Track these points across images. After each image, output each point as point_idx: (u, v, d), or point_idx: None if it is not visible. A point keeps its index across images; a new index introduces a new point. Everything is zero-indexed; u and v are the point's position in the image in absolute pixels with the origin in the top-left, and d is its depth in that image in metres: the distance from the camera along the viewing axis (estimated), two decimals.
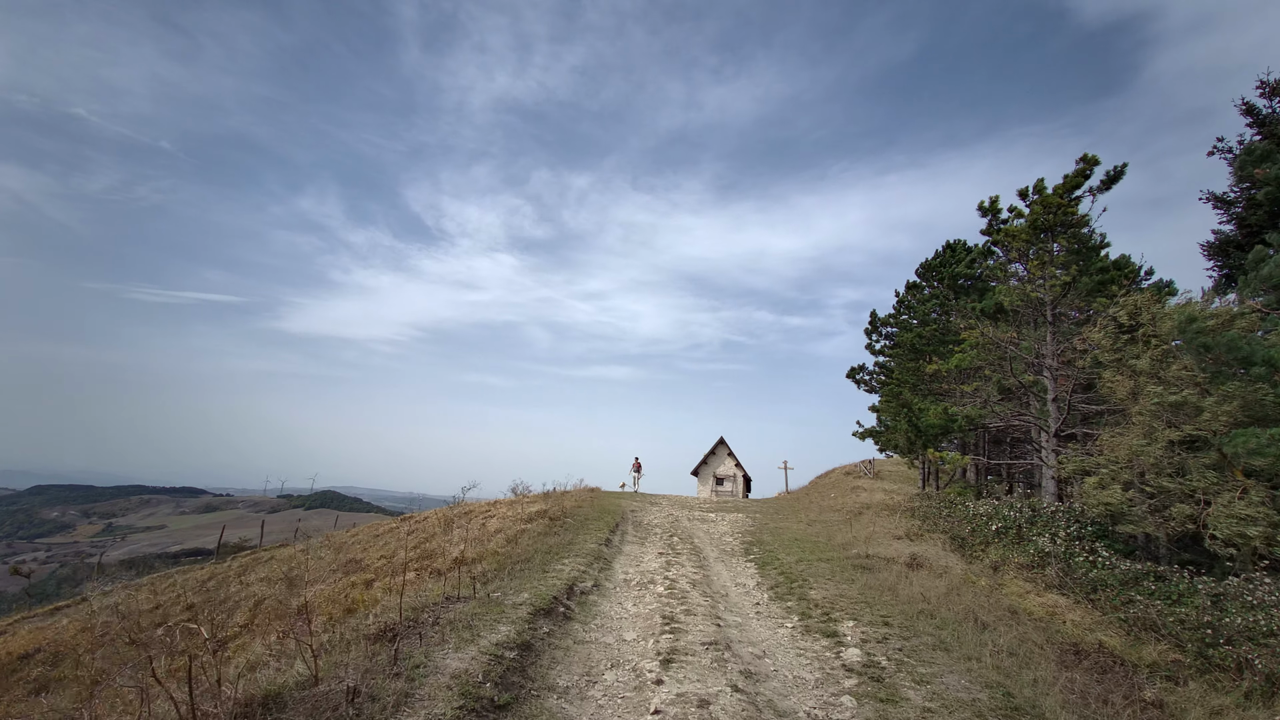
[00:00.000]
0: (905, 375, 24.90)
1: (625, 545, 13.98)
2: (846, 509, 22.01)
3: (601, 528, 15.28)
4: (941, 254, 26.45)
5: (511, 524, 16.00)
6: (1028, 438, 25.40)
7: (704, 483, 46.34)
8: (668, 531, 16.62)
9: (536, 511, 17.19)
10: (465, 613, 6.84)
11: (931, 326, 24.24)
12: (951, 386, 22.13)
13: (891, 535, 15.03)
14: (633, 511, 20.45)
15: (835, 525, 18.24)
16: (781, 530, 17.53)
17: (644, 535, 15.68)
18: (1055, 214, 18.12)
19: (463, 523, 19.54)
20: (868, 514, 20.28)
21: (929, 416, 20.64)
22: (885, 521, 17.66)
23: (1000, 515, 14.98)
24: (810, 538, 15.81)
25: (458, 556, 11.08)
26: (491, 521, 17.43)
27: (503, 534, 14.51)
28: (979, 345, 20.83)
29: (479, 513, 20.41)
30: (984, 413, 19.72)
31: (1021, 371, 18.61)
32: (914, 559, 11.75)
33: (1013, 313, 20.37)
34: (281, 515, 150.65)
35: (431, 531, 18.11)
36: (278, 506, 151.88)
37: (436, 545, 14.26)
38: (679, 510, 22.89)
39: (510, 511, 19.11)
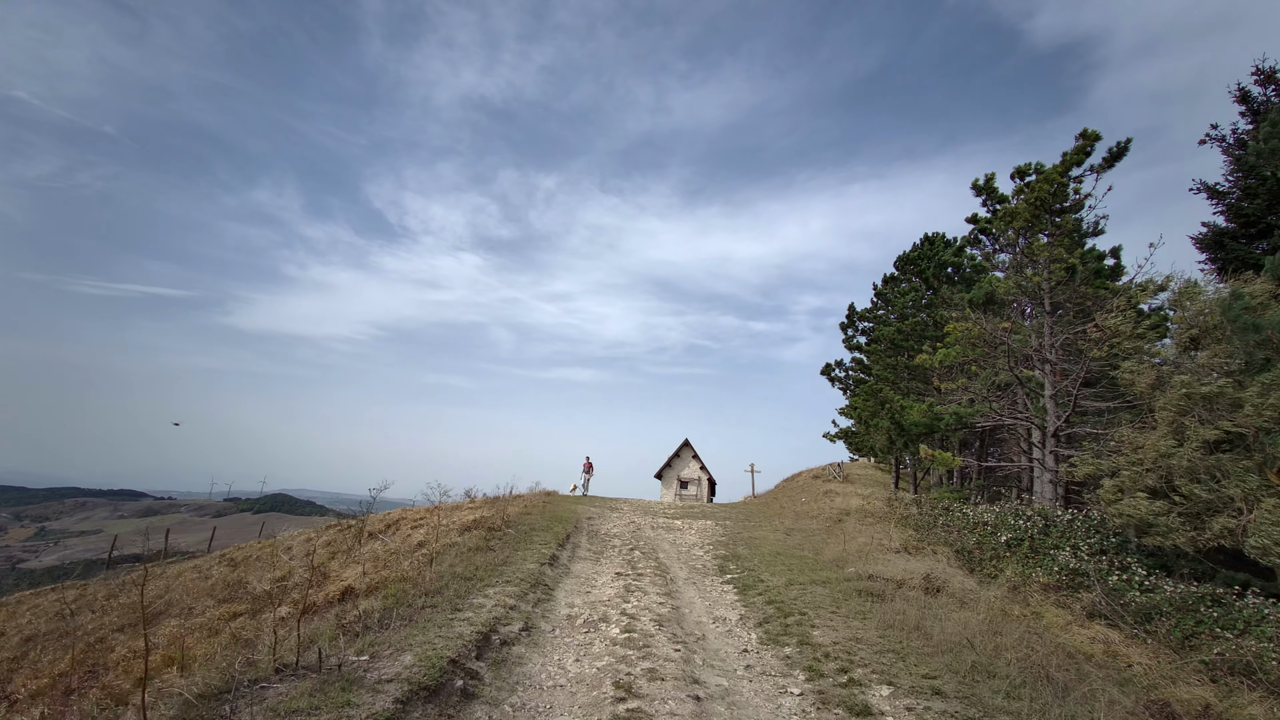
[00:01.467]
0: (884, 372, 22.86)
1: (575, 563, 11.21)
2: (824, 515, 19.72)
3: (549, 540, 12.49)
4: (920, 246, 24.59)
5: (442, 536, 13.06)
6: (1014, 438, 23.66)
7: (667, 486, 43.79)
8: (628, 543, 13.93)
9: (474, 520, 14.26)
10: (286, 706, 4.01)
11: (912, 320, 22.26)
12: (936, 383, 20.14)
13: (886, 548, 12.68)
14: (589, 519, 17.67)
15: (817, 535, 15.85)
16: (758, 541, 15.04)
17: (600, 549, 12.94)
18: (1056, 193, 16.23)
19: (389, 533, 16.45)
20: (849, 521, 17.99)
21: (912, 414, 18.51)
22: (873, 531, 15.36)
23: (1007, 525, 12.79)
24: (793, 550, 13.34)
25: (347, 587, 8.15)
26: (418, 532, 14.42)
27: (424, 550, 11.58)
28: (966, 339, 18.86)
29: (409, 520, 17.32)
30: (973, 411, 17.70)
31: (1016, 366, 16.64)
32: (929, 581, 9.35)
33: (1005, 303, 18.47)
34: (228, 519, 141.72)
35: (349, 544, 14.99)
36: (224, 510, 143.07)
37: (339, 565, 11.24)
38: (642, 517, 20.22)
39: (446, 520, 16.13)
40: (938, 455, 16.66)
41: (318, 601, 8.21)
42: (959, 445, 23.82)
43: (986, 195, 17.07)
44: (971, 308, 17.47)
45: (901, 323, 22.38)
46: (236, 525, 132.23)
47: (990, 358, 19.08)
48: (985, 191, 17.12)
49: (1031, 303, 16.93)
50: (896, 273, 24.44)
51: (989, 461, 23.04)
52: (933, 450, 16.81)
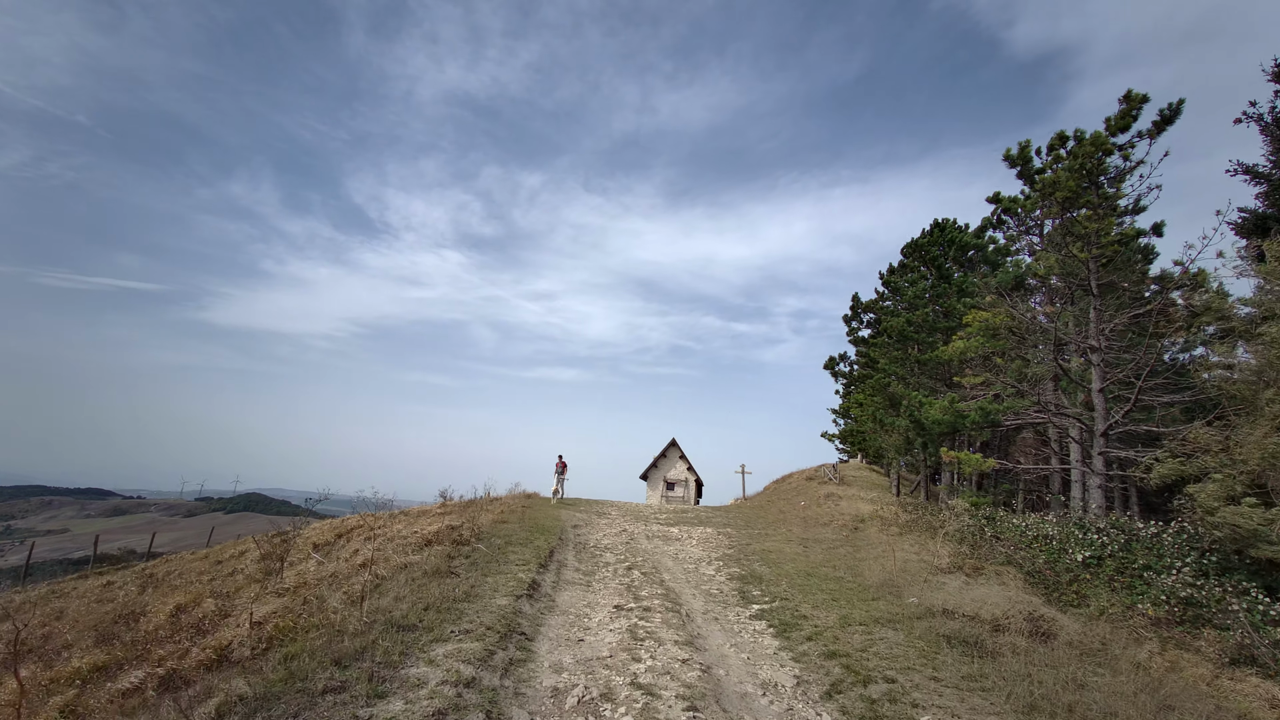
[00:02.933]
0: (892, 366, 20.64)
1: (562, 590, 8.58)
2: (836, 523, 17.36)
3: (528, 558, 9.85)
4: (930, 233, 22.47)
5: (396, 553, 10.35)
6: (1038, 439, 21.60)
7: (653, 487, 41.25)
8: (623, 559, 11.36)
9: (439, 531, 11.55)
10: None
11: (924, 310, 20.08)
12: (956, 378, 17.95)
13: (935, 567, 10.30)
14: (575, 528, 15.04)
15: (839, 547, 13.44)
16: (774, 555, 12.58)
17: (590, 568, 10.33)
18: (1099, 163, 14.10)
19: (339, 545, 13.63)
20: (869, 530, 15.65)
21: (933, 412, 16.25)
22: (902, 543, 13.00)
23: (1079, 540, 10.50)
24: (822, 569, 10.88)
25: (229, 644, 5.46)
26: (369, 546, 11.67)
27: (370, 572, 8.88)
28: (990, 328, 16.67)
29: (364, 530, 14.51)
30: (1002, 408, 15.49)
31: (1061, 355, 14.44)
32: (1034, 623, 6.95)
33: (1034, 288, 16.33)
34: (199, 519, 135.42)
35: (294, 560, 12.16)
36: (195, 510, 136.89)
37: (253, 595, 8.47)
38: (633, 523, 17.66)
39: (407, 529, 13.39)
40: (963, 457, 14.40)
41: (189, 665, 5.52)
42: (975, 445, 21.72)
43: (1021, 166, 14.93)
44: (998, 293, 15.27)
45: (912, 313, 20.18)
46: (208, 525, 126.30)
47: (1018, 348, 16.93)
48: (1019, 161, 14.96)
49: (1074, 284, 14.78)
50: (905, 260, 22.28)
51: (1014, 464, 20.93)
52: (956, 452, 14.55)
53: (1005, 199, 17.55)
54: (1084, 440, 15.77)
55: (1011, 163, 15.03)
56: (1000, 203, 17.60)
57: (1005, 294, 14.84)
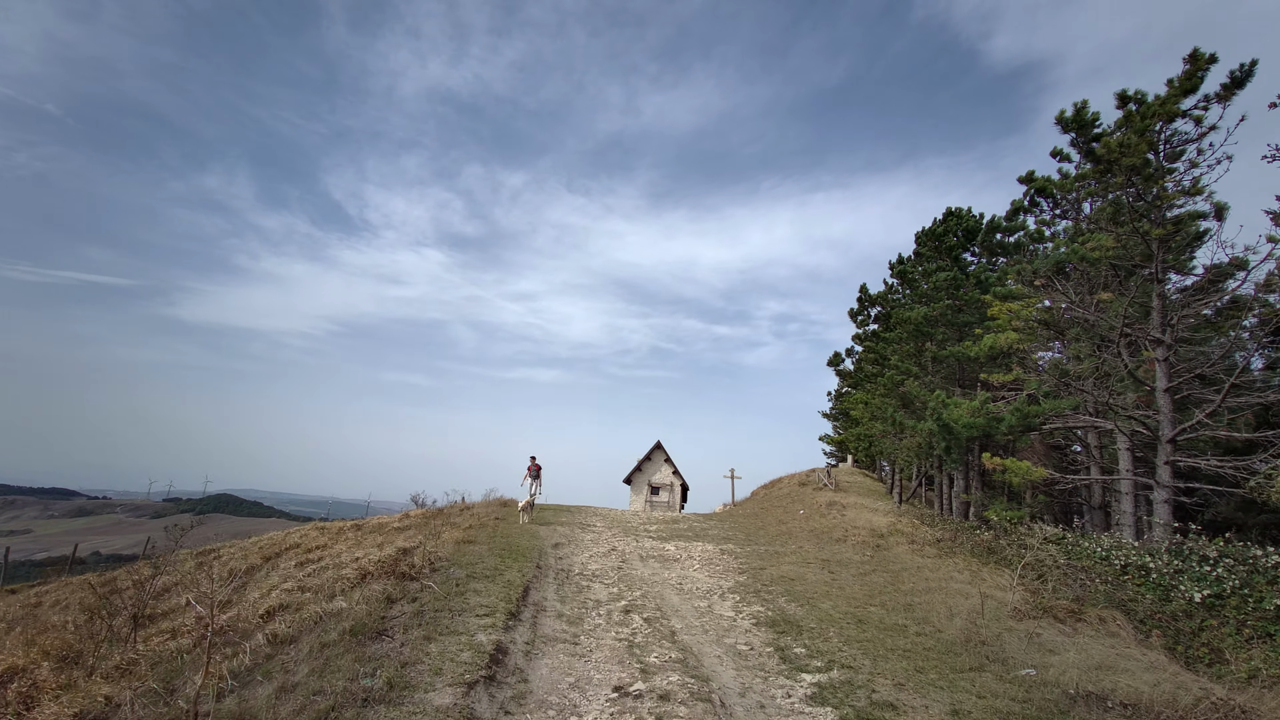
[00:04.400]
0: (905, 363, 18.46)
1: (539, 658, 6.00)
2: (852, 538, 15.03)
3: (494, 600, 7.26)
4: (944, 220, 20.40)
5: (320, 593, 7.67)
6: (1055, 443, 19.59)
7: (637, 492, 38.69)
8: (617, 594, 8.82)
9: (385, 560, 8.86)
10: None
11: (942, 304, 17.94)
12: (983, 375, 15.81)
13: (1018, 610, 7.96)
14: (556, 547, 12.43)
15: (870, 572, 11.05)
16: (798, 584, 10.13)
17: (577, 612, 7.75)
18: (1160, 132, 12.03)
19: (260, 578, 10.83)
20: (896, 548, 13.33)
21: (960, 413, 14.04)
22: (950, 570, 10.68)
23: (1193, 572, 8.27)
24: (870, 609, 8.44)
25: None
26: (298, 577, 8.95)
27: (271, 628, 6.22)
28: (1021, 320, 14.55)
29: (298, 553, 11.75)
30: (1042, 409, 13.33)
31: (1128, 350, 12.30)
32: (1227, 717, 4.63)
33: (1077, 275, 14.24)
34: (167, 521, 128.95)
35: (168, 609, 9.36)
36: (163, 511, 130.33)
37: (93, 663, 5.76)
38: (622, 538, 15.12)
39: (349, 554, 10.67)
40: (1010, 465, 12.17)
41: None
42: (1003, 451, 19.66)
43: (1076, 130, 12.83)
44: (1037, 282, 13.12)
45: (930, 306, 18.03)
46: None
47: (1058, 343, 14.82)
48: (1074, 124, 12.83)
49: (1123, 270, 12.68)
50: (920, 249, 20.17)
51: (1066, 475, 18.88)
52: (1003, 459, 12.32)
53: (1039, 179, 15.47)
54: (1135, 447, 13.69)
55: (1065, 126, 12.92)
56: (1033, 183, 15.52)
57: (1053, 279, 12.70)
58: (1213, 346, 11.58)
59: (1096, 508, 15.02)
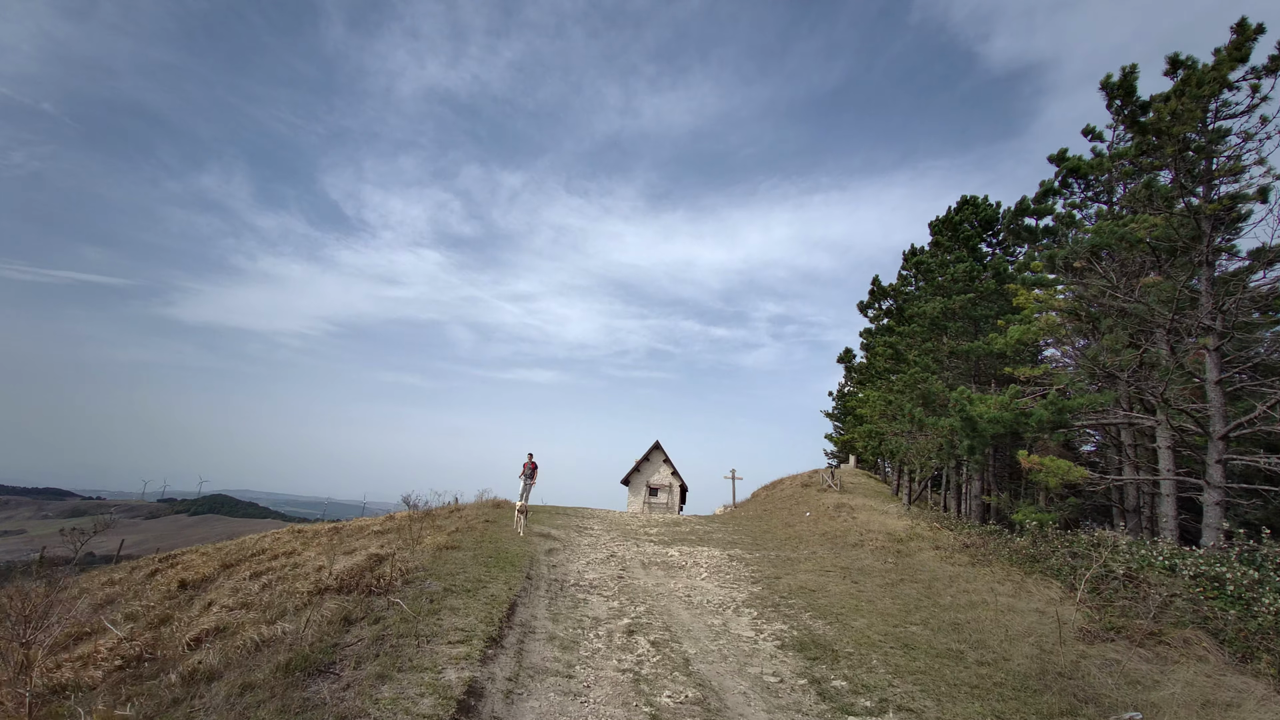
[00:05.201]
0: (923, 357, 17.30)
1: (523, 700, 4.77)
2: (869, 543, 13.83)
3: (472, 622, 6.03)
4: (959, 209, 19.29)
5: (266, 613, 6.43)
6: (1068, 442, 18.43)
7: (635, 493, 37.43)
8: (619, 610, 7.61)
9: (353, 569, 7.63)
10: None
11: (962, 296, 16.79)
12: (1008, 369, 14.65)
13: (1086, 631, 6.79)
14: (550, 553, 11.18)
15: (898, 582, 9.84)
16: (821, 597, 8.93)
17: (572, 634, 6.52)
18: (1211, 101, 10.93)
19: (213, 587, 9.55)
20: (920, 555, 12.13)
21: (986, 409, 12.88)
22: (989, 580, 9.50)
23: (1276, 582, 7.10)
24: (911, 628, 7.25)
25: None
26: (243, 595, 7.69)
27: (194, 663, 4.97)
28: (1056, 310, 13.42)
29: (262, 558, 10.48)
30: (1080, 404, 12.18)
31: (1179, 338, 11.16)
32: None
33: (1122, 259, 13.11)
34: (161, 521, 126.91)
35: (93, 629, 8.11)
36: (157, 511, 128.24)
37: None
38: (621, 542, 13.90)
39: (314, 562, 9.41)
40: (1048, 464, 11.00)
41: None
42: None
43: (1122, 96, 11.68)
44: (1073, 263, 11.98)
45: (948, 298, 16.88)
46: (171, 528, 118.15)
47: (1092, 333, 13.68)
48: (1121, 90, 11.66)
49: (1182, 249, 11.54)
50: (937, 238, 19.03)
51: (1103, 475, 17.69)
52: (1041, 458, 11.16)
53: (1072, 159, 14.36)
54: (1176, 445, 12.55)
55: (1111, 92, 11.76)
56: (1065, 163, 14.40)
57: (1093, 262, 11.56)
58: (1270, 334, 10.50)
59: (1131, 510, 13.88)
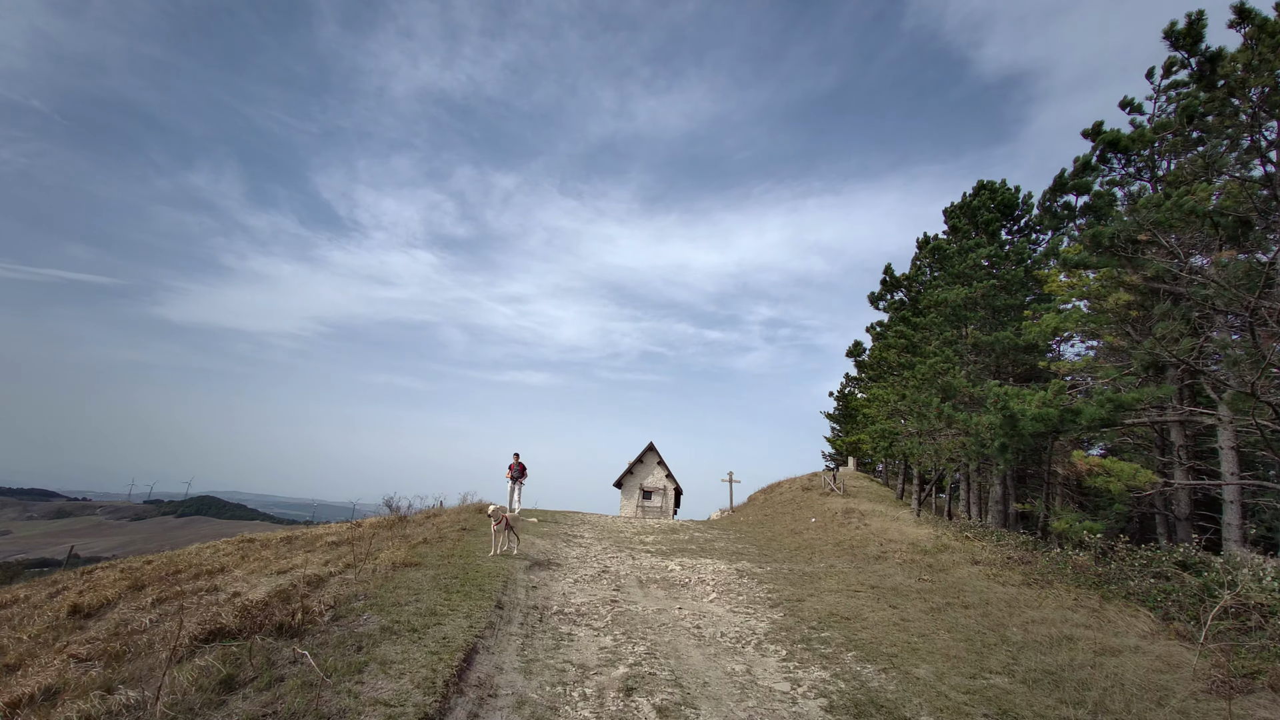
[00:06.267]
0: (942, 349, 15.65)
1: None
2: (892, 554, 12.10)
3: (409, 679, 4.24)
4: (977, 193, 17.72)
5: (114, 669, 4.57)
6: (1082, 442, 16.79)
7: (628, 496, 35.57)
8: (610, 650, 5.81)
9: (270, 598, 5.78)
10: None
11: (986, 283, 15.17)
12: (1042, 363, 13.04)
13: (1208, 680, 5.12)
14: (530, 570, 9.34)
15: (946, 606, 8.11)
16: (860, 628, 7.17)
17: (552, 692, 4.70)
18: None
19: (98, 616, 7.65)
20: (957, 570, 10.41)
21: (1027, 406, 11.21)
22: (1053, 602, 7.81)
23: None
24: (988, 668, 5.48)
25: None
26: (115, 634, 5.84)
27: None
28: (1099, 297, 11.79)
29: (188, 575, 8.59)
30: (1138, 397, 10.52)
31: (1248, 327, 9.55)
32: None
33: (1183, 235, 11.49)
34: (148, 523, 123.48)
35: None
36: (144, 513, 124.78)
37: None
38: (615, 554, 12.09)
39: (246, 582, 7.56)
40: (1113, 466, 9.33)
41: None
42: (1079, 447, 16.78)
43: (1189, 47, 10.11)
44: (1137, 235, 10.36)
45: (970, 286, 15.25)
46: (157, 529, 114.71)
47: (1140, 321, 12.05)
48: (1187, 39, 10.05)
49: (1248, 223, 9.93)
50: (955, 222, 17.43)
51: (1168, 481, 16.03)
52: (1102, 460, 9.48)
53: (1110, 132, 12.77)
54: (1232, 445, 10.93)
55: (1175, 41, 10.17)
56: (1102, 136, 12.81)
57: (1157, 235, 9.93)
58: None
59: (1184, 519, 12.26)
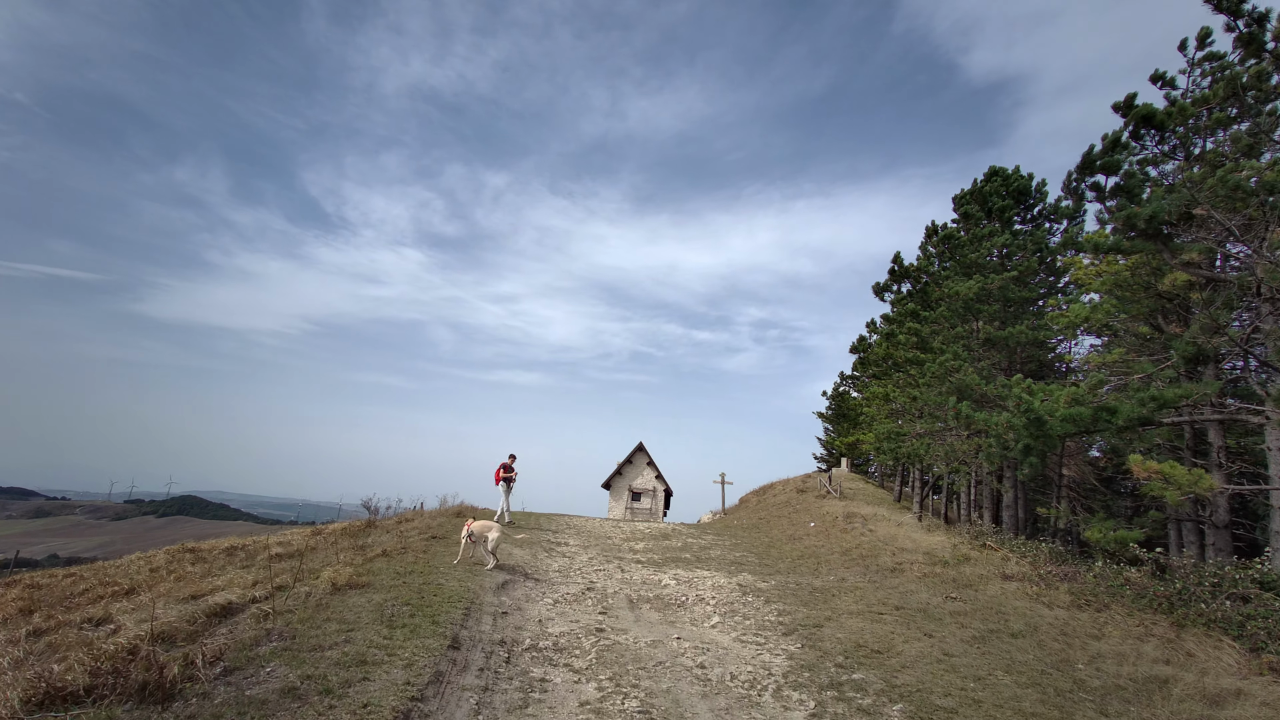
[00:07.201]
0: (952, 344, 14.44)
1: None
2: (907, 566, 10.80)
3: None
4: (988, 180, 16.57)
5: None
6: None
7: (617, 498, 34.15)
8: (597, 704, 4.46)
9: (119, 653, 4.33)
10: None
11: (1004, 274, 13.99)
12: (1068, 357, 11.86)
13: None
14: (501, 590, 7.90)
15: (991, 634, 6.80)
16: (894, 657, 5.83)
17: None
18: None
19: None
20: (987, 587, 9.14)
21: (1054, 404, 9.99)
22: (1119, 629, 6.56)
23: None
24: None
25: None
26: None
27: None
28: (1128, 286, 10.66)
29: (77, 598, 7.10)
30: (1184, 393, 9.34)
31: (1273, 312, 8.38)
32: None
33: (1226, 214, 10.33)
34: (128, 523, 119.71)
35: None
36: (124, 513, 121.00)
37: None
38: (600, 565, 10.67)
39: (111, 617, 6.05)
40: (1169, 471, 8.12)
41: None
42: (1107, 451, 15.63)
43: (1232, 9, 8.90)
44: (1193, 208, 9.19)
45: (985, 277, 14.06)
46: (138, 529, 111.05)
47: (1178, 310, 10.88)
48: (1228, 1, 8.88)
49: None
50: (968, 209, 16.26)
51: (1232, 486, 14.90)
52: (1159, 463, 8.27)
53: (1143, 106, 11.64)
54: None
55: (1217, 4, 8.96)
56: (1134, 111, 11.66)
57: (1213, 211, 8.76)
58: None
59: (1221, 527, 11.13)
